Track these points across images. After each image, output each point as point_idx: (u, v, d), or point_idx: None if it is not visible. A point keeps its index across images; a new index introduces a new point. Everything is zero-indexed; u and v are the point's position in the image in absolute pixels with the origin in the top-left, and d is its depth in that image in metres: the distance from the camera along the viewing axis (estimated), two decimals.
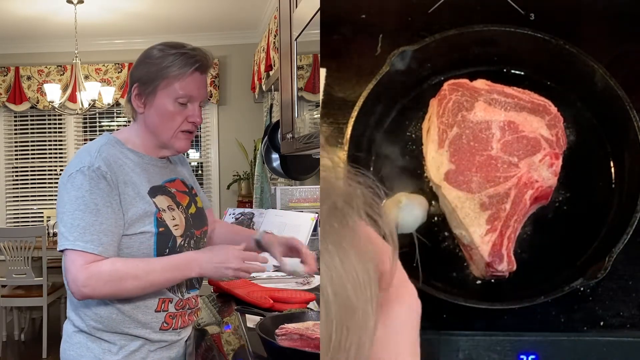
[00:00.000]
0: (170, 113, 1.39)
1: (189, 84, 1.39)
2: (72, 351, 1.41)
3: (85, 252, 1.30)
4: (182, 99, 1.39)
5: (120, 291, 1.34)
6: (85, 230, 1.30)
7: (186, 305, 1.47)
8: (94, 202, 1.32)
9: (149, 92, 1.39)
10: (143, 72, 1.39)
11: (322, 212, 0.52)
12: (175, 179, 1.50)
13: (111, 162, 1.37)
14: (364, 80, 1.06)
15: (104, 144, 1.40)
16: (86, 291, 1.31)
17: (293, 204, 2.87)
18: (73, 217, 1.32)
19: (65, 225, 1.33)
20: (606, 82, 1.03)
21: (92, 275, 1.30)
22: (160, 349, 1.44)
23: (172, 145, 1.44)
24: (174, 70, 1.38)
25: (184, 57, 1.39)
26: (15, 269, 4.31)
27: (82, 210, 1.31)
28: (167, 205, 1.42)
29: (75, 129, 5.92)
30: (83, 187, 1.32)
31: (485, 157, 1.01)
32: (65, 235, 1.32)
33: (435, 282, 0.99)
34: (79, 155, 1.41)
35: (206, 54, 1.43)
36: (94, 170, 1.33)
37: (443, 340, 0.98)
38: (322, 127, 1.09)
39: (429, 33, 1.06)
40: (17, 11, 4.73)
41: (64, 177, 1.38)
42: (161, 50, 1.40)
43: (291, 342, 1.26)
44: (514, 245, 0.99)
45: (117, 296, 1.36)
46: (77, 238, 1.30)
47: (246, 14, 4.99)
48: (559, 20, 1.06)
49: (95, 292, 1.32)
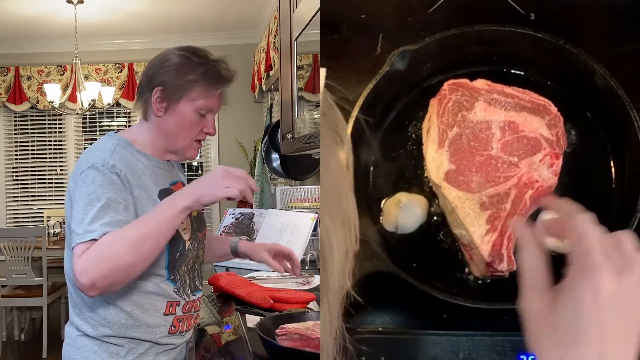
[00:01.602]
0: (191, 122, 1.40)
1: (214, 100, 1.40)
2: (78, 356, 1.39)
3: (86, 242, 1.23)
4: (203, 111, 1.40)
5: (117, 263, 1.22)
6: (93, 222, 1.25)
7: (192, 309, 1.47)
8: (106, 196, 1.28)
9: (174, 100, 1.38)
10: (167, 77, 1.37)
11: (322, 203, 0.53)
12: (177, 181, 1.50)
13: (125, 163, 1.35)
14: (364, 80, 1.06)
15: (116, 145, 1.38)
16: (84, 280, 1.20)
17: (293, 204, 2.87)
18: (84, 212, 1.27)
19: (75, 222, 1.27)
20: (606, 82, 1.03)
21: (84, 261, 1.22)
22: (166, 351, 1.44)
23: (184, 153, 1.45)
24: (203, 85, 1.37)
25: (213, 71, 1.38)
26: (15, 269, 4.32)
27: (93, 204, 1.27)
28: None
29: (75, 129, 5.92)
30: (95, 182, 1.29)
31: (485, 157, 1.01)
32: (75, 231, 1.26)
33: (435, 282, 0.99)
34: (90, 152, 1.37)
35: (233, 70, 1.43)
36: (108, 168, 1.31)
37: (443, 340, 0.97)
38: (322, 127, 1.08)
39: (429, 33, 1.06)
40: (17, 11, 4.73)
41: (75, 176, 1.34)
42: (186, 58, 1.38)
43: (291, 342, 1.26)
44: (514, 245, 0.99)
45: (119, 271, 1.23)
46: (86, 230, 1.25)
47: (246, 14, 4.99)
48: (559, 20, 1.05)
49: (92, 276, 1.20)
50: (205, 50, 1.43)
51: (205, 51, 1.43)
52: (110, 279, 1.23)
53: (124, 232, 1.25)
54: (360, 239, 0.64)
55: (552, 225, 0.60)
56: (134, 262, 1.24)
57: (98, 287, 1.22)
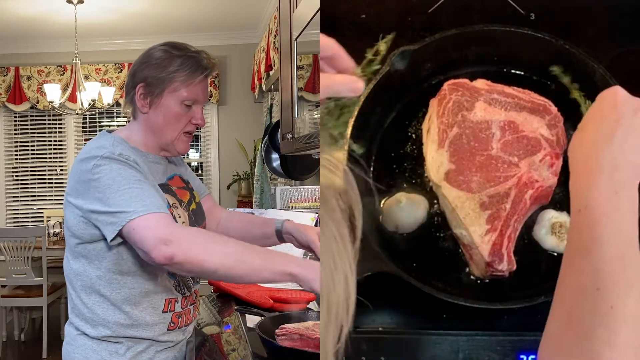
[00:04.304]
0: (176, 114, 1.40)
1: (196, 89, 1.40)
2: (77, 354, 1.40)
3: (156, 213, 1.20)
4: (188, 102, 1.40)
5: (205, 260, 1.17)
6: (141, 198, 1.22)
7: (189, 302, 1.47)
8: (133, 175, 1.27)
9: (157, 94, 1.38)
10: (149, 73, 1.38)
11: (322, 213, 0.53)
12: (174, 175, 1.50)
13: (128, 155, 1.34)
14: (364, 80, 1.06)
15: (114, 141, 1.37)
16: (168, 249, 1.14)
17: (293, 204, 2.87)
18: (121, 194, 1.23)
19: (117, 205, 1.22)
20: (606, 82, 1.03)
21: (174, 231, 1.18)
22: (166, 349, 1.44)
23: (174, 147, 1.44)
24: (183, 74, 1.38)
25: (192, 61, 1.39)
26: (15, 269, 4.32)
27: (126, 185, 1.24)
28: (172, 203, 1.42)
29: (75, 129, 5.92)
30: (114, 169, 1.27)
31: (485, 157, 1.01)
32: (124, 210, 1.21)
33: (435, 282, 0.99)
34: (91, 150, 1.34)
35: (213, 59, 1.44)
36: (117, 155, 1.29)
37: (443, 340, 0.97)
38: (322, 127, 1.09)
39: (429, 33, 1.06)
40: (17, 11, 4.73)
41: (79, 175, 1.31)
42: (166, 52, 1.39)
43: (291, 342, 1.26)
44: (514, 245, 0.99)
45: (198, 266, 1.18)
46: (139, 205, 1.21)
47: (246, 14, 4.99)
48: (559, 20, 1.05)
49: (177, 253, 1.15)
50: (186, 44, 1.44)
51: (185, 44, 1.43)
52: (187, 265, 1.17)
53: (231, 243, 1.21)
54: (360, 238, 0.64)
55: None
56: (216, 272, 1.20)
57: (174, 261, 1.16)
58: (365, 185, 1.03)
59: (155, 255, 1.15)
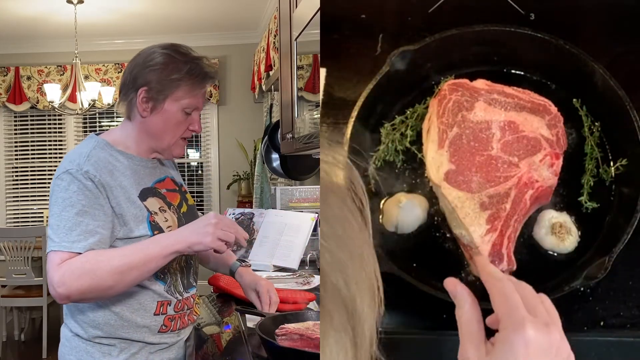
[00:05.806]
0: (177, 121, 1.41)
1: (198, 97, 1.42)
2: (72, 356, 1.40)
3: (63, 252, 1.27)
4: (188, 109, 1.41)
5: (98, 283, 1.26)
6: (70, 231, 1.28)
7: (185, 306, 1.47)
8: (81, 203, 1.30)
9: (160, 99, 1.39)
10: (152, 77, 1.38)
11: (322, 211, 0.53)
12: (165, 177, 1.50)
13: (101, 166, 1.35)
14: (364, 80, 1.06)
15: (93, 148, 1.38)
16: (61, 291, 1.25)
17: (293, 204, 2.87)
18: (59, 219, 1.30)
19: (52, 228, 1.31)
20: (606, 82, 1.03)
21: (65, 272, 1.25)
22: (160, 350, 1.43)
23: (171, 151, 1.45)
24: (189, 84, 1.39)
25: (197, 69, 1.40)
26: (15, 269, 4.32)
27: (68, 211, 1.29)
28: (158, 207, 1.42)
29: (75, 129, 5.92)
30: (70, 189, 1.31)
31: (485, 157, 1.01)
32: (51, 237, 1.30)
33: (435, 282, 0.99)
34: (67, 157, 1.39)
35: (215, 66, 1.47)
36: (82, 173, 1.32)
37: (443, 340, 0.97)
38: (322, 127, 1.09)
39: (429, 33, 1.06)
40: (17, 11, 4.74)
41: (53, 180, 1.36)
42: (169, 56, 1.39)
43: (291, 342, 1.26)
44: (514, 245, 0.99)
45: (97, 290, 1.28)
46: (62, 239, 1.28)
47: (246, 14, 4.99)
48: (559, 20, 1.05)
49: (70, 289, 1.25)
50: (187, 47, 1.44)
51: (187, 48, 1.44)
52: (86, 295, 1.28)
53: (110, 256, 1.28)
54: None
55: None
56: (114, 287, 1.29)
57: (72, 299, 1.29)
58: (365, 185, 1.03)
59: (55, 296, 1.27)
